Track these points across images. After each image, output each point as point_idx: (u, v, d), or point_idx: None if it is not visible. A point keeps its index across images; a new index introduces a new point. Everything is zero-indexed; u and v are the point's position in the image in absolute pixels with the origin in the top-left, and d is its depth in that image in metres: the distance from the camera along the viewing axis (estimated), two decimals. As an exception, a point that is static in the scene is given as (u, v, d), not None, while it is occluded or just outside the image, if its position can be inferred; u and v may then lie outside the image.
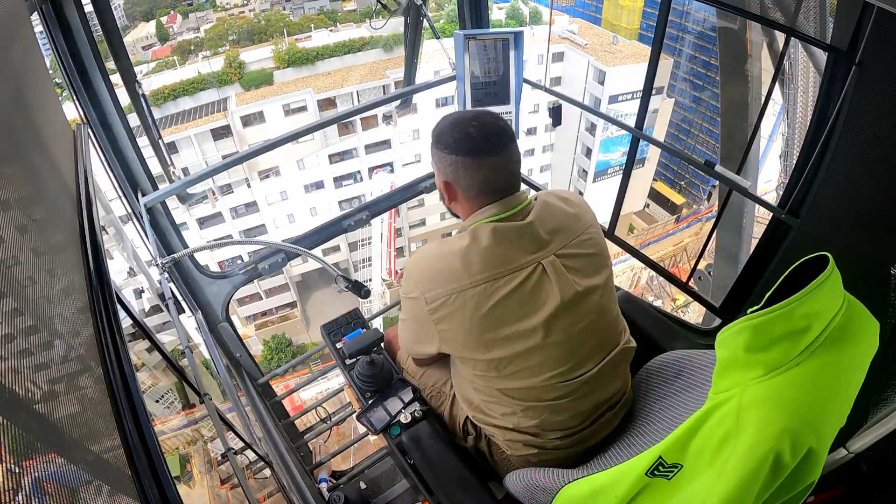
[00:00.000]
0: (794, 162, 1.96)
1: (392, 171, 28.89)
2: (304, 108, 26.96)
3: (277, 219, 28.43)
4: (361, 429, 2.17)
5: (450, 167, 1.56)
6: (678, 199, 31.37)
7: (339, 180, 28.81)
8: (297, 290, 30.12)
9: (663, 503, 1.14)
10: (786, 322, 0.95)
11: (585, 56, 29.60)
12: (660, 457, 1.12)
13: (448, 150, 1.55)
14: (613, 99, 28.42)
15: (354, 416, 2.16)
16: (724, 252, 4.03)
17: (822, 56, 2.19)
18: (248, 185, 26.78)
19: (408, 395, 2.08)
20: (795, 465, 0.98)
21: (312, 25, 30.03)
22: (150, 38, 31.21)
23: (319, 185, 28.50)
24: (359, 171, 28.96)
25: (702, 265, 2.74)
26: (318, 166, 27.87)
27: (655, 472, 1.13)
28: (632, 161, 2.83)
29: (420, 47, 3.63)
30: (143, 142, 2.48)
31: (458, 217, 1.69)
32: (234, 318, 3.19)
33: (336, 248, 29.75)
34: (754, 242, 2.29)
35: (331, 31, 29.89)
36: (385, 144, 28.61)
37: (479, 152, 1.52)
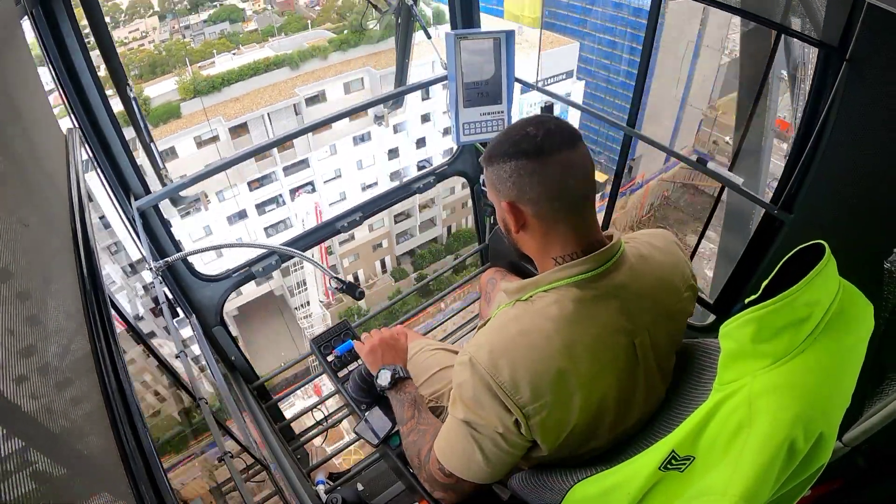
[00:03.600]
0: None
1: (313, 189, 28.17)
2: (216, 138, 25.54)
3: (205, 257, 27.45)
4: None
5: (510, 178, 1.29)
6: (601, 176, 32.04)
7: (261, 206, 27.54)
8: (237, 325, 27.96)
9: (677, 496, 1.14)
10: (789, 311, 0.96)
11: (494, 51, 29.42)
12: (672, 450, 1.12)
13: (504, 158, 1.30)
14: (526, 88, 28.04)
15: (352, 429, 2.13)
16: (727, 254, 4.02)
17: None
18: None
19: None
20: (808, 449, 0.99)
21: (215, 51, 28.72)
22: (49, 83, 30.63)
23: (243, 215, 27.10)
24: (280, 195, 27.88)
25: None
26: (238, 195, 26.46)
27: (668, 465, 1.13)
28: (625, 158, 2.83)
29: (411, 47, 3.63)
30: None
31: (524, 263, 1.48)
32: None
33: (268, 277, 28.40)
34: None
35: (234, 54, 28.75)
36: (303, 164, 27.59)
37: (543, 149, 1.25)
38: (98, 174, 2.37)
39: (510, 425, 1.28)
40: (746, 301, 1.01)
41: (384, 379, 1.91)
